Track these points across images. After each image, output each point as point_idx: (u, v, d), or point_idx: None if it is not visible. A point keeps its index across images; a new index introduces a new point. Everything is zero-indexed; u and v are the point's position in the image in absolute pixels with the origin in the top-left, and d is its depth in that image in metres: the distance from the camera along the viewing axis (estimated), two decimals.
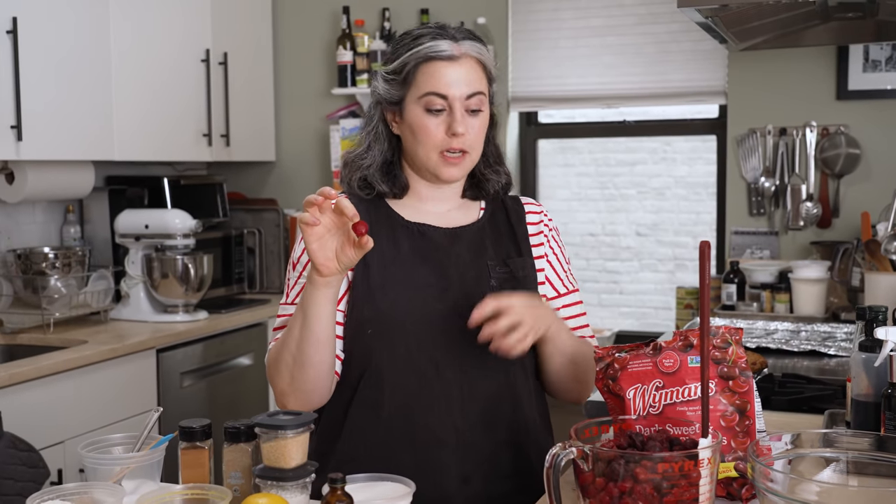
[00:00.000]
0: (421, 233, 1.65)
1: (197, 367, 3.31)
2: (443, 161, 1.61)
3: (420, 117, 1.60)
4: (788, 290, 3.27)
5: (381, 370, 1.58)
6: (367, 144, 1.67)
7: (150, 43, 3.48)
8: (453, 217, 1.69)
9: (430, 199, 1.69)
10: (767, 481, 1.17)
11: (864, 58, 3.44)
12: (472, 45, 1.62)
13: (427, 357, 1.58)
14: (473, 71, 1.61)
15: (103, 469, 1.38)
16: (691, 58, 3.72)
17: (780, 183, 3.58)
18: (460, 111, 1.59)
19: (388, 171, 1.67)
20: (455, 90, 1.59)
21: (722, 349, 1.43)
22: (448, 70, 1.59)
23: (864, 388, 1.56)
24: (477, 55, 1.62)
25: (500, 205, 1.74)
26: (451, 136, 1.59)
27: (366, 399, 1.59)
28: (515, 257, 1.67)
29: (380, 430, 1.58)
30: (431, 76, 1.59)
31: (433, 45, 1.59)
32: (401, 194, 1.68)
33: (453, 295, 1.60)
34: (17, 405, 2.58)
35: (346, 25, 4.05)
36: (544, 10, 3.92)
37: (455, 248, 1.65)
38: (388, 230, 1.64)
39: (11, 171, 3.20)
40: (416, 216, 1.67)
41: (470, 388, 1.59)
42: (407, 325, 1.58)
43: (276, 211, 4.05)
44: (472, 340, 1.58)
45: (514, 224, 1.71)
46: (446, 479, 1.56)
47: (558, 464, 1.23)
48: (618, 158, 4.11)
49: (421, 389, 1.57)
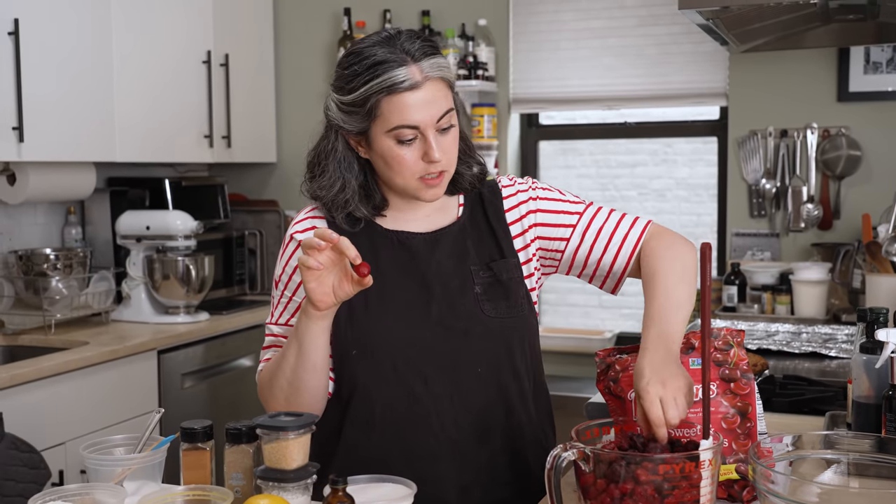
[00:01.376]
0: (400, 242, 1.62)
1: (198, 369, 3.31)
2: (423, 185, 1.56)
3: (392, 149, 1.53)
4: (789, 292, 3.27)
5: (368, 389, 1.57)
6: (339, 177, 1.60)
7: (151, 44, 3.48)
8: (433, 219, 1.66)
9: (408, 209, 1.65)
10: (768, 483, 1.17)
11: (865, 60, 3.44)
12: (430, 63, 1.52)
13: (414, 373, 1.56)
14: (438, 90, 1.53)
15: (105, 470, 1.38)
16: (692, 59, 3.72)
17: (780, 185, 3.58)
18: (433, 136, 1.53)
19: (366, 195, 1.62)
20: (425, 116, 1.51)
21: (723, 351, 1.43)
22: (413, 99, 1.50)
23: (865, 389, 1.56)
24: (438, 74, 1.53)
25: (478, 198, 1.68)
26: (428, 163, 1.54)
27: (357, 418, 1.58)
28: (499, 259, 1.62)
29: (373, 448, 1.57)
30: (397, 109, 1.50)
31: (393, 77, 1.49)
32: (381, 209, 1.64)
33: (437, 307, 1.57)
34: (18, 406, 2.58)
35: (348, 27, 4.06)
36: (545, 11, 3.92)
37: (436, 256, 1.61)
38: (367, 241, 1.60)
39: (13, 172, 3.20)
40: (394, 224, 1.64)
41: (461, 400, 1.57)
42: (391, 342, 1.56)
43: (278, 212, 4.05)
44: (459, 351, 1.57)
45: (494, 222, 1.66)
46: (445, 492, 1.55)
47: (559, 465, 1.23)
48: (618, 160, 4.11)
49: (411, 406, 1.56)
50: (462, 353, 1.57)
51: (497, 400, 1.59)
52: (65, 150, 3.14)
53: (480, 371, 1.57)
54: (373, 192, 1.62)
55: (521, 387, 1.63)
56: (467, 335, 1.57)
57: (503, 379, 1.60)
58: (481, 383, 1.58)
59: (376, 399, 1.56)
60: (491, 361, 1.58)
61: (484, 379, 1.58)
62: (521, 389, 1.63)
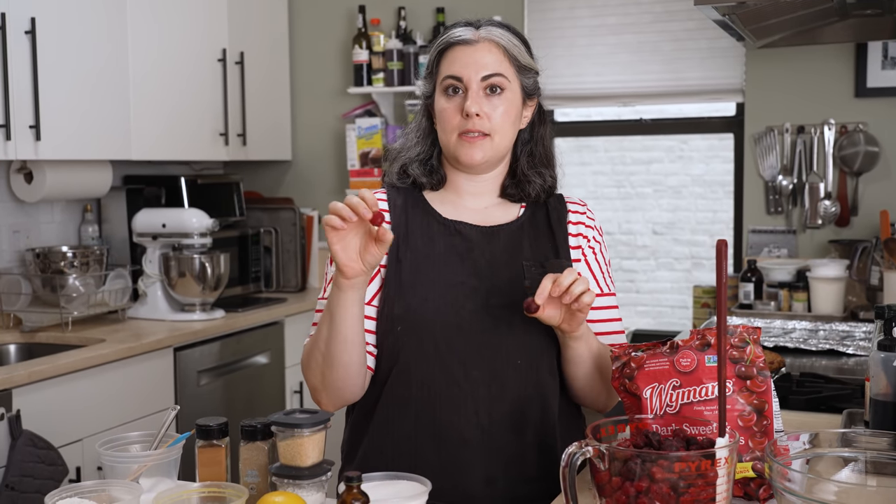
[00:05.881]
0: (457, 231, 1.64)
1: (214, 366, 3.33)
2: (460, 143, 1.61)
3: (441, 102, 1.63)
4: (806, 289, 3.25)
5: (409, 367, 1.58)
6: (410, 138, 1.71)
7: (167, 43, 3.50)
8: (491, 215, 1.68)
9: (467, 194, 1.69)
10: (785, 481, 1.16)
11: (882, 55, 3.42)
12: (493, 30, 1.64)
13: (455, 356, 1.57)
14: (491, 53, 1.62)
15: (121, 467, 1.38)
16: (708, 55, 3.70)
17: (797, 181, 3.56)
18: (476, 92, 1.60)
19: (426, 163, 1.69)
20: (470, 71, 1.60)
21: (739, 348, 1.42)
22: (464, 53, 1.62)
23: (882, 387, 1.55)
24: (497, 39, 1.63)
25: (542, 205, 1.72)
26: (465, 118, 1.60)
27: (394, 395, 1.59)
28: (553, 258, 1.65)
29: (406, 425, 1.58)
30: (448, 62, 1.63)
31: (453, 33, 1.64)
32: (438, 186, 1.69)
33: (485, 294, 1.59)
34: (35, 403, 2.60)
35: (362, 24, 4.06)
36: (560, 8, 3.91)
37: (490, 247, 1.64)
38: (425, 227, 1.64)
39: (30, 170, 3.22)
40: (453, 213, 1.67)
41: (499, 389, 1.57)
42: (436, 323, 1.57)
43: (293, 210, 4.06)
44: (501, 341, 1.57)
45: (555, 225, 1.69)
46: (470, 480, 1.56)
47: (574, 463, 1.23)
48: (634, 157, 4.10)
49: (448, 388, 1.57)
50: (504, 343, 1.58)
51: (533, 394, 1.60)
52: (81, 149, 3.15)
53: (520, 363, 1.58)
54: (434, 165, 1.70)
55: (557, 385, 1.63)
56: (511, 326, 1.58)
57: (541, 374, 1.60)
58: (519, 375, 1.59)
59: (414, 376, 1.57)
60: (531, 355, 1.59)
61: (523, 371, 1.59)
62: (557, 387, 1.63)
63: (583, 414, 1.73)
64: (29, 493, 2.47)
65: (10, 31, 2.85)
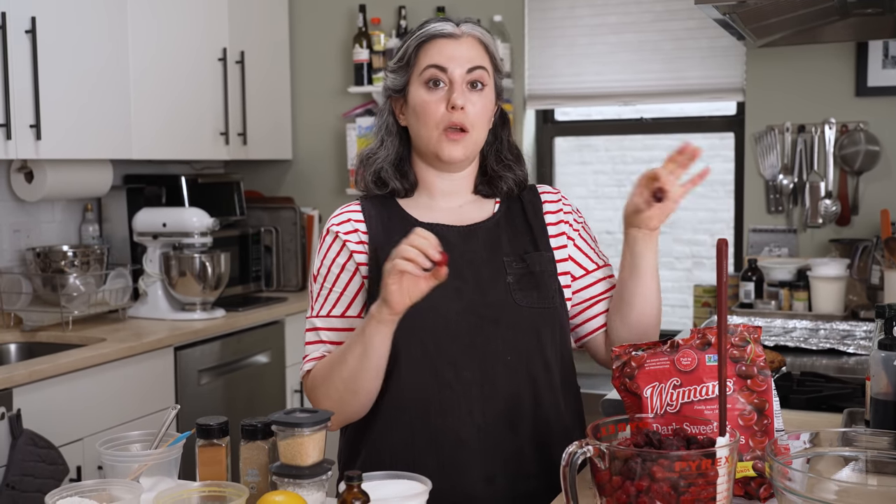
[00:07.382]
0: (435, 233, 1.64)
1: (214, 365, 3.33)
2: (444, 139, 1.61)
3: (421, 95, 1.62)
4: (807, 288, 3.24)
5: (400, 374, 1.58)
6: (379, 140, 1.70)
7: (167, 42, 3.50)
8: (467, 213, 1.69)
9: (440, 194, 1.69)
10: (786, 480, 1.16)
11: (883, 54, 3.41)
12: (474, 27, 1.66)
13: (444, 358, 1.57)
14: (474, 49, 1.64)
15: (121, 466, 1.38)
16: (709, 55, 3.70)
17: (798, 180, 3.56)
18: (461, 85, 1.60)
19: (399, 167, 1.68)
20: (455, 64, 1.61)
21: (740, 347, 1.42)
22: (448, 46, 1.62)
23: (883, 386, 1.55)
24: (479, 35, 1.65)
25: (517, 199, 1.73)
26: (450, 111, 1.60)
27: (388, 403, 1.59)
28: (532, 252, 1.65)
29: (402, 432, 1.58)
30: (429, 53, 1.63)
31: (434, 27, 1.64)
32: (412, 191, 1.69)
33: (469, 294, 1.59)
34: (36, 402, 2.60)
35: (363, 23, 4.06)
36: (560, 7, 3.91)
37: (469, 246, 1.64)
38: (402, 233, 1.62)
39: (31, 170, 3.22)
40: (429, 216, 1.67)
41: (490, 388, 1.57)
42: (424, 328, 1.57)
43: (293, 209, 4.06)
44: (489, 339, 1.57)
45: (531, 217, 1.70)
46: (470, 480, 1.56)
47: (575, 462, 1.23)
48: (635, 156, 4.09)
49: (440, 391, 1.57)
50: (492, 341, 1.58)
51: (526, 390, 1.60)
52: (82, 148, 3.15)
53: (510, 360, 1.58)
54: (406, 168, 1.69)
55: (551, 379, 1.63)
56: (497, 323, 1.58)
57: (532, 369, 1.60)
58: (510, 372, 1.59)
59: (406, 383, 1.58)
60: (520, 351, 1.59)
61: (513, 368, 1.59)
62: (551, 382, 1.63)
63: (581, 410, 1.73)
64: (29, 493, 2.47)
65: (11, 31, 2.85)
